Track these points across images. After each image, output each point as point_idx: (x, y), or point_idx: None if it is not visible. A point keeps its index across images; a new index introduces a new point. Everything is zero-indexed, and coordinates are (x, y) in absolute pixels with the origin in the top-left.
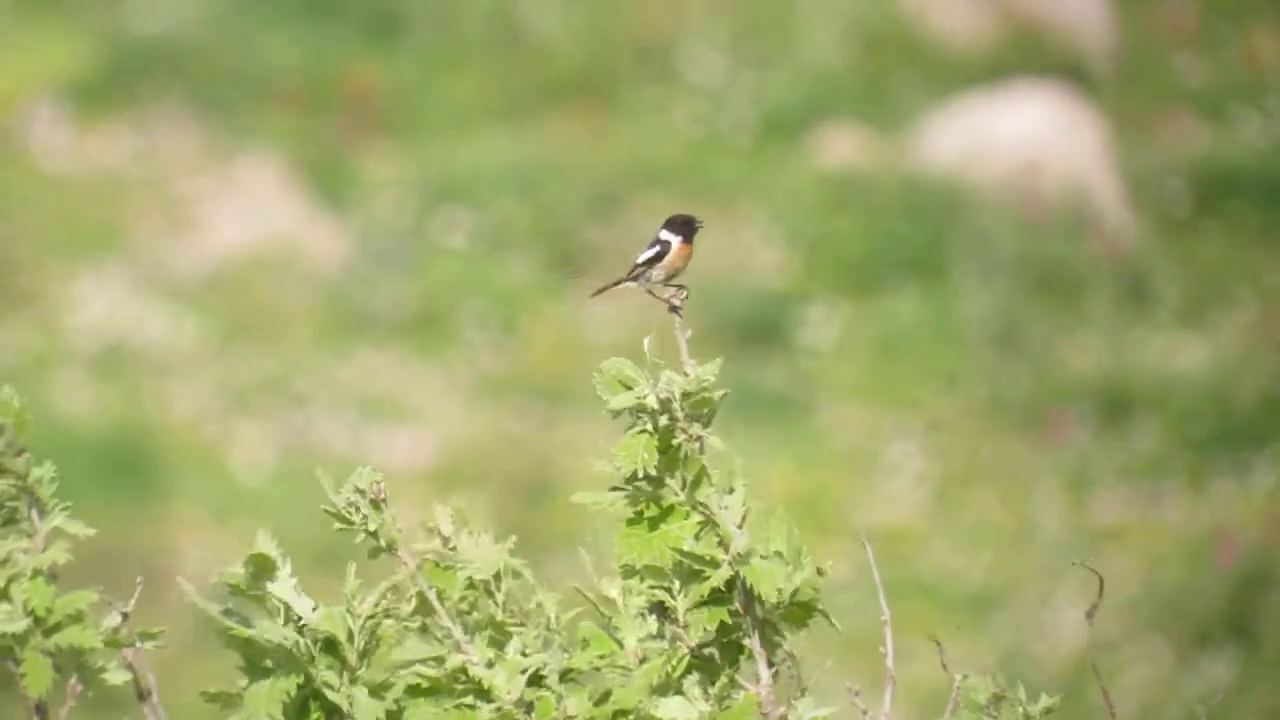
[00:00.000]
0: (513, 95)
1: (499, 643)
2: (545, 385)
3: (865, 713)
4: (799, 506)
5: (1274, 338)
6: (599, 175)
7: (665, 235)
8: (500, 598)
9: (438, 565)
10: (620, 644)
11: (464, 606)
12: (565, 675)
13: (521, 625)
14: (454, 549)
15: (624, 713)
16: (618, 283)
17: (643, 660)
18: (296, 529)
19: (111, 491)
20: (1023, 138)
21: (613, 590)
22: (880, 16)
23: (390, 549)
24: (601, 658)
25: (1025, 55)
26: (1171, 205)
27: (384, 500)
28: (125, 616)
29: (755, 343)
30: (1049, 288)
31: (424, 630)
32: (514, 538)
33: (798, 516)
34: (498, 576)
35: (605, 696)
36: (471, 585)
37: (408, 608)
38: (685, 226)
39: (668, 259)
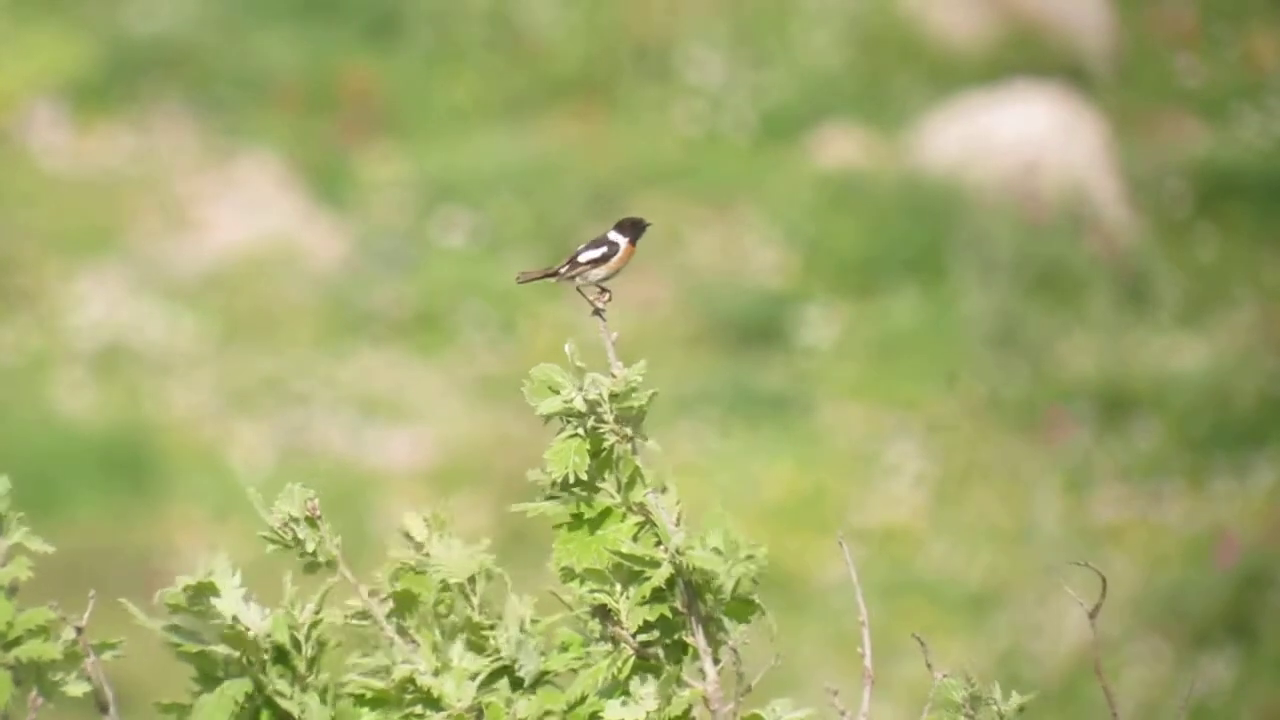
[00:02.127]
0: (511, 95)
1: (477, 645)
2: None
3: (844, 713)
4: (798, 506)
5: (1273, 338)
6: (598, 175)
7: (614, 237)
8: (476, 601)
9: (413, 570)
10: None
11: (441, 610)
12: (542, 677)
13: (493, 628)
14: (427, 555)
15: (579, 704)
16: (550, 275)
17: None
18: None
19: (111, 491)
20: (1022, 138)
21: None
22: (880, 16)
23: (329, 565)
24: (577, 659)
25: (1025, 55)
26: (1171, 205)
27: (319, 517)
28: (79, 631)
29: (754, 343)
30: (1048, 288)
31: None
32: (487, 540)
33: (797, 517)
34: (473, 579)
35: (582, 699)
36: (447, 588)
37: (379, 614)
38: (634, 229)
39: (613, 261)
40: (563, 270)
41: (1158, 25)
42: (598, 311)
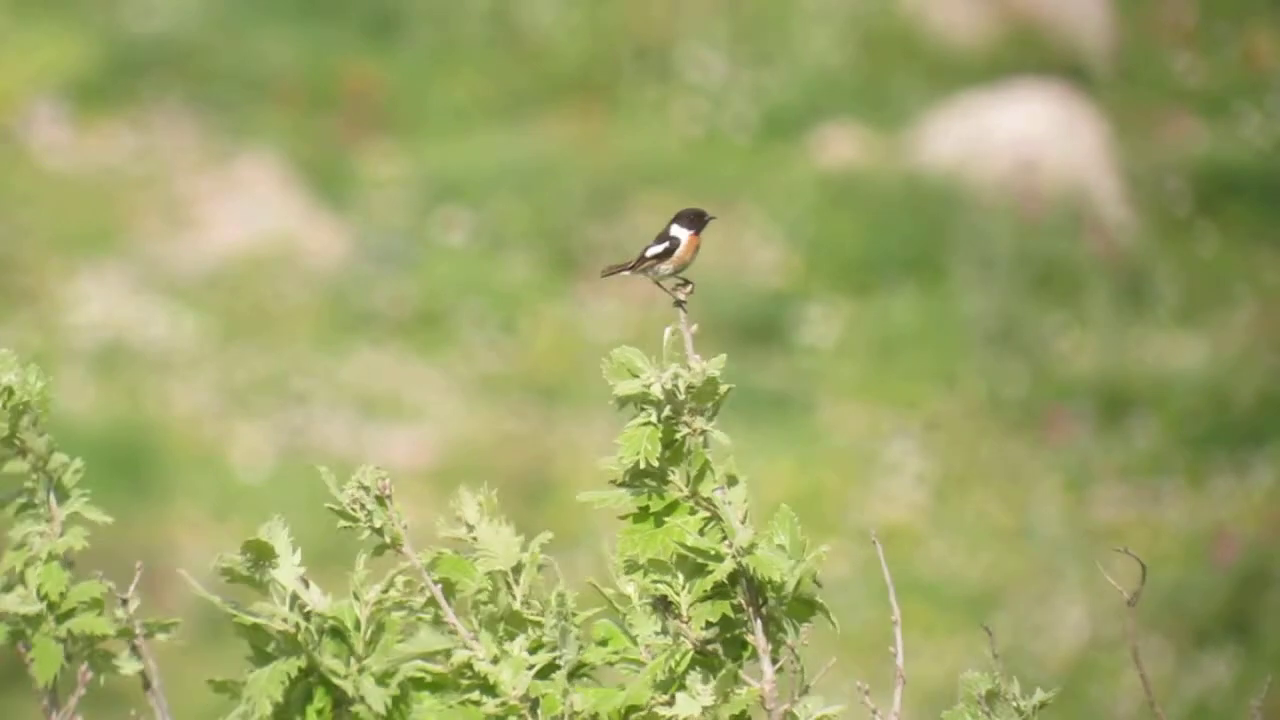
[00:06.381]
0: (512, 94)
1: (514, 635)
2: (545, 384)
3: (875, 712)
4: (798, 505)
5: (1272, 336)
6: (598, 174)
7: (675, 231)
8: (519, 591)
9: (456, 554)
10: (635, 640)
11: (482, 597)
12: (579, 670)
13: (540, 616)
14: (475, 539)
15: (636, 708)
16: (625, 268)
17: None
18: (296, 528)
19: (111, 490)
20: (1022, 137)
21: (628, 587)
22: (880, 15)
23: (395, 545)
24: (615, 653)
25: (1025, 54)
26: (1170, 204)
27: (389, 497)
28: (124, 602)
29: (754, 342)
30: (1048, 286)
31: (437, 621)
32: (550, 534)
33: (797, 515)
34: (517, 569)
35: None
36: (490, 575)
37: (421, 599)
38: (695, 220)
39: (676, 254)
40: (634, 265)
41: (1157, 24)
42: (679, 303)
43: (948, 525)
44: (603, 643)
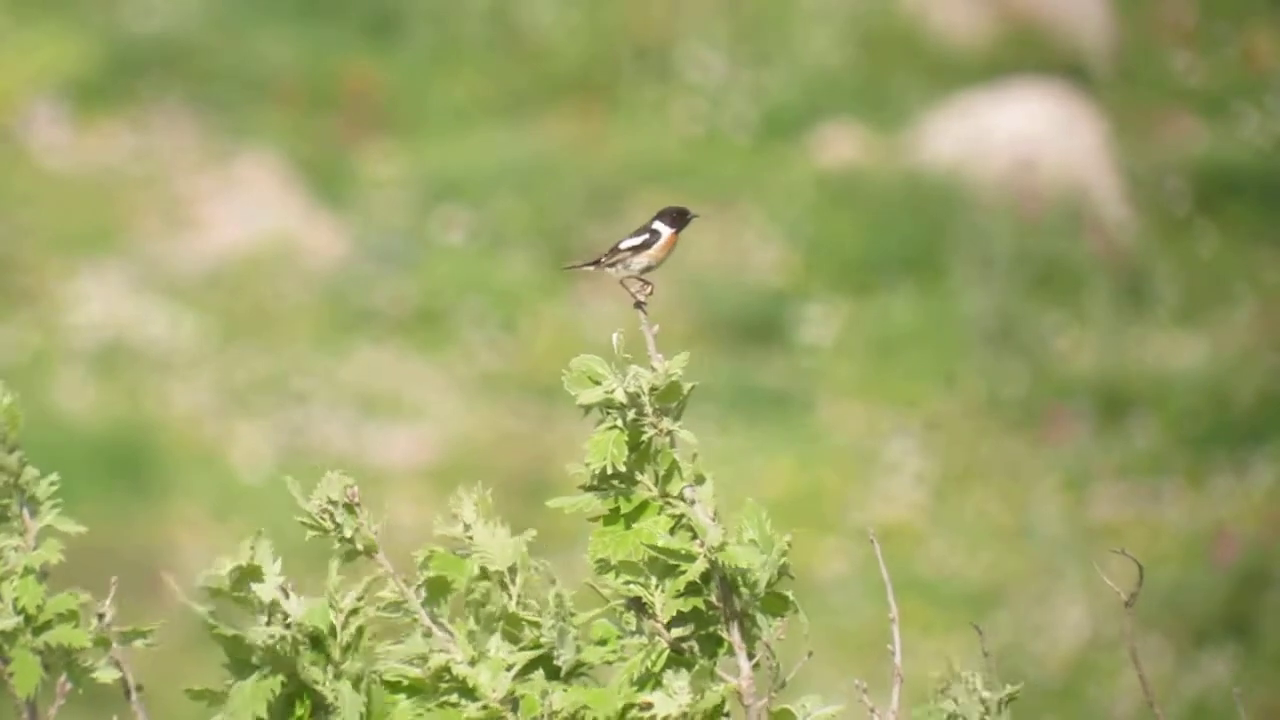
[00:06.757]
0: (511, 93)
1: (512, 636)
2: (545, 383)
3: (873, 711)
4: (798, 504)
5: (1272, 336)
6: (598, 174)
7: (656, 226)
8: (515, 590)
9: (453, 554)
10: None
11: (476, 598)
12: (577, 669)
13: (538, 616)
14: (471, 538)
15: (630, 706)
16: (594, 263)
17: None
18: (295, 528)
19: (111, 490)
20: (1021, 136)
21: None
22: (880, 15)
23: (367, 552)
24: (613, 652)
25: (1024, 54)
26: (1170, 204)
27: (358, 504)
28: (101, 618)
29: (754, 341)
30: (1047, 286)
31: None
32: (534, 531)
33: (796, 514)
34: (513, 569)
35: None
36: (484, 576)
37: (415, 602)
38: (678, 218)
39: (652, 250)
40: (604, 259)
41: (1157, 23)
42: (639, 304)
43: (947, 524)
44: (601, 642)
